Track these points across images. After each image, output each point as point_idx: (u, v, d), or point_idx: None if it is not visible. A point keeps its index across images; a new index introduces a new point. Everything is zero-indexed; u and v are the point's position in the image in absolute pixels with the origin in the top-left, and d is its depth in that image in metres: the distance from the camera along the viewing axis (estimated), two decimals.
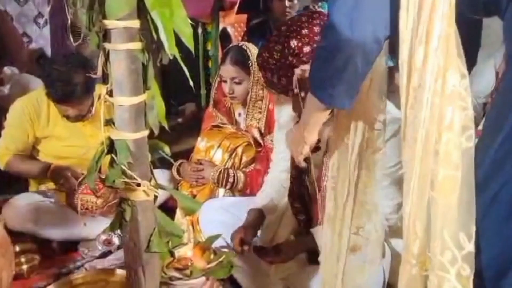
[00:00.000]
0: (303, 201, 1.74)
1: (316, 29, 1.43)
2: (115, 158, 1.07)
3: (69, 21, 2.65)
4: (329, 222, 1.26)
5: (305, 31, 1.43)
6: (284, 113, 1.75)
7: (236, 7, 3.20)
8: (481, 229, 0.88)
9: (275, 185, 1.84)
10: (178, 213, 2.12)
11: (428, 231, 0.90)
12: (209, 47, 3.07)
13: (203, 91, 3.14)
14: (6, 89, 2.69)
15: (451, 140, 0.85)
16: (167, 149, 1.17)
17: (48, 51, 3.08)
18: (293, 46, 1.41)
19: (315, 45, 1.37)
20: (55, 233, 2.06)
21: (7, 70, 2.69)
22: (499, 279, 0.91)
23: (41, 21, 3.00)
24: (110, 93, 1.05)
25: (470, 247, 0.86)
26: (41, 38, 3.01)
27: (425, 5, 0.82)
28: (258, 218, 1.78)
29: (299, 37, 1.42)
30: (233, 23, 3.57)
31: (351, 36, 0.89)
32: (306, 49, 1.41)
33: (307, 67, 1.34)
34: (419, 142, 0.87)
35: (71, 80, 2.01)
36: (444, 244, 0.87)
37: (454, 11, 0.83)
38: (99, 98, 1.06)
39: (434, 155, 0.87)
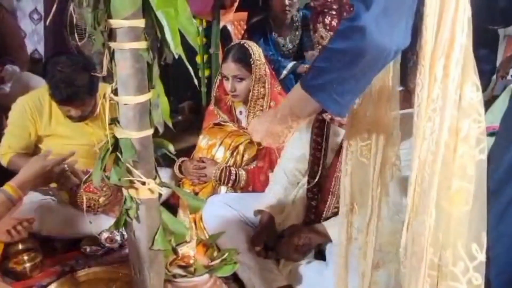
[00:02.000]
0: (319, 183, 1.73)
1: None
2: (120, 156, 1.07)
3: (75, 20, 2.65)
4: (348, 242, 1.23)
5: None
6: None
7: (236, 5, 3.20)
8: (496, 234, 0.89)
9: (282, 183, 1.85)
10: (180, 210, 2.12)
11: (439, 242, 0.91)
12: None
13: (203, 89, 3.15)
14: (7, 87, 2.69)
15: (466, 153, 0.85)
16: (171, 147, 1.17)
17: (42, 48, 3.07)
18: None
19: None
20: (58, 231, 2.06)
21: (8, 68, 2.69)
22: (509, 282, 0.92)
23: (36, 16, 2.98)
24: (115, 92, 1.06)
25: (482, 257, 0.87)
26: (35, 33, 3.00)
27: (447, 17, 0.82)
28: (268, 218, 1.80)
29: None
30: (233, 20, 3.57)
31: (379, 40, 0.86)
32: None
33: None
34: (439, 156, 0.87)
35: (74, 82, 2.01)
36: (456, 254, 0.88)
37: (471, 24, 0.83)
38: (104, 96, 1.07)
39: (449, 167, 0.87)
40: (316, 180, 1.73)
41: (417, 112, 0.89)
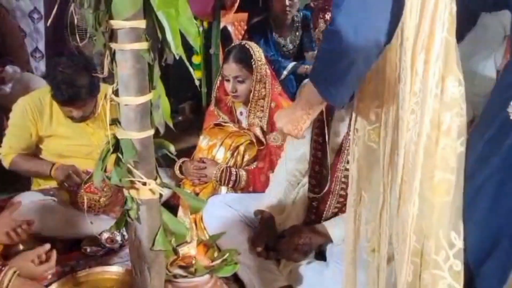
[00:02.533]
0: (320, 183, 1.75)
1: None
2: (120, 157, 1.08)
3: (75, 21, 2.66)
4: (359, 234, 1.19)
5: None
6: None
7: (236, 5, 3.20)
8: (465, 218, 0.91)
9: (283, 184, 1.85)
10: (181, 211, 2.13)
11: (422, 230, 0.93)
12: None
13: (204, 90, 3.15)
14: (7, 88, 2.69)
15: (448, 145, 0.89)
16: (172, 148, 1.17)
17: (42, 47, 3.07)
18: None
19: None
20: (58, 231, 2.06)
21: (9, 69, 2.69)
22: (479, 266, 0.94)
23: (36, 16, 2.98)
24: (116, 92, 1.06)
25: (460, 243, 0.91)
26: (35, 32, 3.00)
27: (427, 14, 0.84)
28: (269, 219, 1.80)
29: None
30: (233, 21, 3.58)
31: (355, 42, 0.89)
32: None
33: None
34: (421, 147, 0.89)
35: (76, 82, 2.02)
36: (438, 243, 0.92)
37: (455, 20, 0.85)
38: (105, 97, 1.07)
39: (432, 159, 0.89)
40: (317, 180, 1.74)
41: (401, 104, 0.92)
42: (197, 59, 3.13)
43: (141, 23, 0.99)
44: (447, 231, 0.91)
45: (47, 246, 1.60)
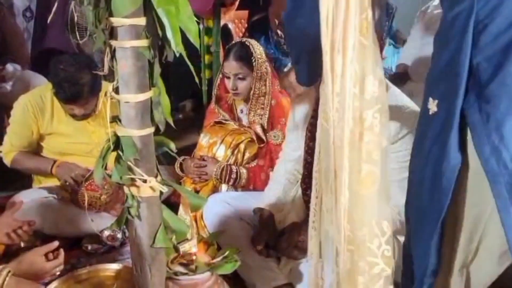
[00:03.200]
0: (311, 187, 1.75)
1: None
2: (121, 154, 1.08)
3: (75, 18, 2.65)
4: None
5: None
6: (300, 110, 1.76)
7: (237, 3, 3.20)
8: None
9: (281, 182, 1.86)
10: (181, 208, 2.13)
11: (354, 220, 1.00)
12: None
13: (204, 88, 3.14)
14: (8, 86, 2.69)
15: (372, 140, 0.94)
16: (172, 145, 1.18)
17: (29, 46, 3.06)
18: None
19: None
20: (59, 229, 2.07)
21: (9, 67, 2.69)
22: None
23: (28, 14, 2.98)
24: (116, 90, 1.06)
25: (390, 231, 0.99)
26: (26, 32, 3.00)
27: (339, 20, 0.90)
28: (268, 217, 1.80)
29: None
30: (233, 19, 3.57)
31: (291, 32, 1.12)
32: None
33: None
34: (345, 142, 0.95)
35: (78, 80, 2.02)
36: (372, 232, 0.98)
37: (371, 25, 0.90)
38: (105, 95, 1.07)
39: (358, 153, 0.95)
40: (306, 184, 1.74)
41: (326, 104, 0.98)
42: (208, 59, 3.11)
43: (141, 21, 0.99)
44: (380, 220, 0.98)
45: (56, 243, 1.62)
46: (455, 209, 0.96)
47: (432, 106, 0.92)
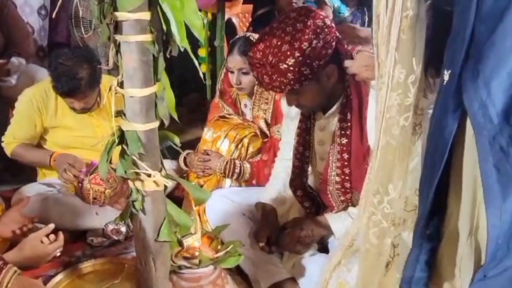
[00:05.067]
0: (305, 190, 1.77)
1: (308, 28, 1.46)
2: (126, 149, 1.08)
3: (80, 13, 2.65)
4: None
5: (298, 28, 1.46)
6: (294, 110, 1.77)
7: None
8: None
9: (281, 177, 1.86)
10: (185, 203, 2.13)
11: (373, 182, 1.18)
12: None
13: (208, 82, 3.14)
14: (13, 80, 2.69)
15: (392, 117, 1.10)
16: (177, 140, 1.18)
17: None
18: (284, 49, 1.45)
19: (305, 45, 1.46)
20: (64, 223, 2.08)
21: (14, 60, 2.69)
22: None
23: (43, 12, 2.99)
24: (120, 84, 1.06)
25: (394, 194, 1.14)
26: (42, 29, 3.02)
27: (385, 19, 1.06)
28: (270, 212, 1.81)
29: (289, 37, 1.46)
30: (238, 13, 3.56)
31: None
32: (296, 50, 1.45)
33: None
34: (381, 114, 1.12)
35: (76, 74, 2.02)
36: (376, 190, 1.16)
37: (411, 23, 1.02)
38: (110, 89, 1.08)
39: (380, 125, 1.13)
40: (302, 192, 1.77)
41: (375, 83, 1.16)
42: (202, 52, 3.12)
43: (146, 15, 0.99)
44: (386, 181, 1.14)
45: (52, 225, 1.67)
46: (458, 172, 1.00)
47: (446, 76, 0.97)
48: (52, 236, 1.70)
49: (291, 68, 1.46)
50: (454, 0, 0.97)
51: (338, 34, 1.56)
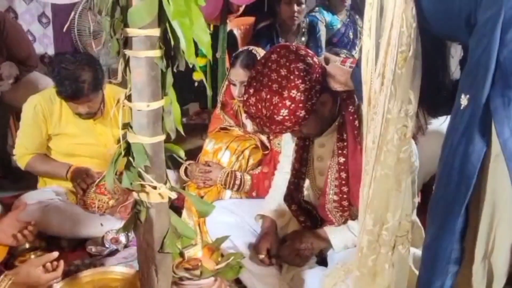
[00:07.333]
0: (300, 205, 1.78)
1: (292, 74, 1.48)
2: (132, 161, 1.10)
3: (91, 27, 2.67)
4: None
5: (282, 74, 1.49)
6: None
7: (241, 10, 3.22)
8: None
9: (281, 190, 1.87)
10: (185, 213, 2.14)
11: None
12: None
13: (209, 93, 3.16)
14: (6, 85, 2.68)
15: (390, 150, 1.13)
16: (182, 153, 1.20)
17: (51, 51, 3.09)
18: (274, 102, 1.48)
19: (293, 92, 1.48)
20: (64, 231, 2.09)
21: (5, 66, 2.68)
22: None
23: (45, 20, 3.01)
24: (128, 98, 1.08)
25: (393, 221, 1.17)
26: (45, 37, 3.04)
27: (381, 52, 1.09)
28: (270, 225, 1.82)
29: (276, 85, 1.48)
30: (239, 25, 3.59)
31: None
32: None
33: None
34: (376, 146, 1.15)
35: (79, 78, 2.06)
36: (373, 219, 1.19)
37: (406, 59, 1.06)
38: (117, 102, 1.10)
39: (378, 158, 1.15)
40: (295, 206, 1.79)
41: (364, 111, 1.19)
42: (201, 61, 3.14)
43: (156, 32, 1.01)
44: (382, 211, 1.18)
45: (55, 254, 1.59)
46: (477, 196, 1.01)
47: (464, 101, 0.98)
48: (50, 266, 1.59)
49: (287, 117, 1.49)
50: (475, 32, 0.98)
51: (323, 64, 1.59)
